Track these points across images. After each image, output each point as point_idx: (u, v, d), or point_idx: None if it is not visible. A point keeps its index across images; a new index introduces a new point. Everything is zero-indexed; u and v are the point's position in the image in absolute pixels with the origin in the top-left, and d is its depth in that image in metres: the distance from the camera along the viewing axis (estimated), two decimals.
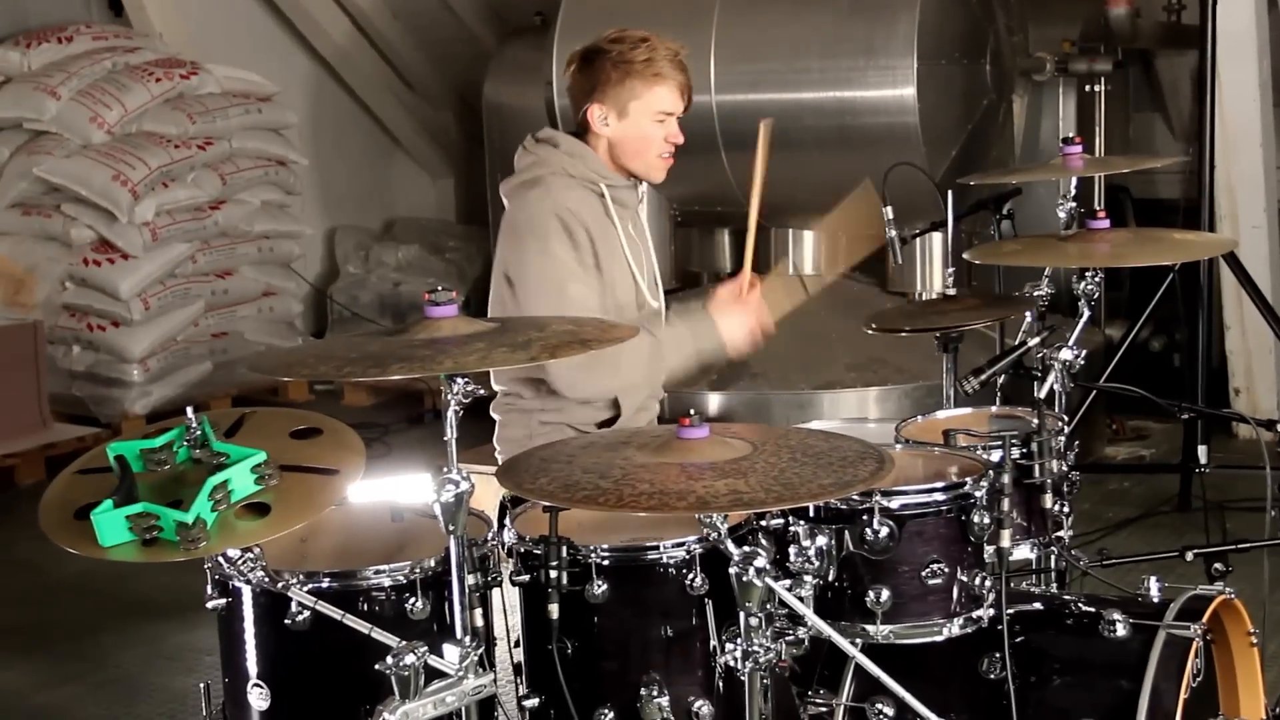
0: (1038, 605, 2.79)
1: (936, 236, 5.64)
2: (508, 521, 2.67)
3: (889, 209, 3.97)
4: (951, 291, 3.51)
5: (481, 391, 2.61)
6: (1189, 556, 3.59)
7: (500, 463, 3.34)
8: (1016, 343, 3.29)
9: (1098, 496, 5.33)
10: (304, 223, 7.62)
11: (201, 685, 2.66)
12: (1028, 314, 3.36)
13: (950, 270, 3.59)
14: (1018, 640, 2.66)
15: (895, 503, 2.57)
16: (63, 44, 7.08)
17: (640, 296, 3.30)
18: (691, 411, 2.38)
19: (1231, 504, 4.97)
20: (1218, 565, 3.40)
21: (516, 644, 2.71)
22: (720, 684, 2.52)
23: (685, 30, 5.87)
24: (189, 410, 2.39)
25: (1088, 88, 6.25)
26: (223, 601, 2.54)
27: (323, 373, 2.23)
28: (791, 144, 5.81)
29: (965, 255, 3.40)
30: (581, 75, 3.25)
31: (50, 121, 6.84)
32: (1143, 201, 6.71)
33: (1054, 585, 3.07)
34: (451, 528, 2.35)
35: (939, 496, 2.60)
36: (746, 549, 2.28)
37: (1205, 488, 4.92)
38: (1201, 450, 5.02)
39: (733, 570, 2.28)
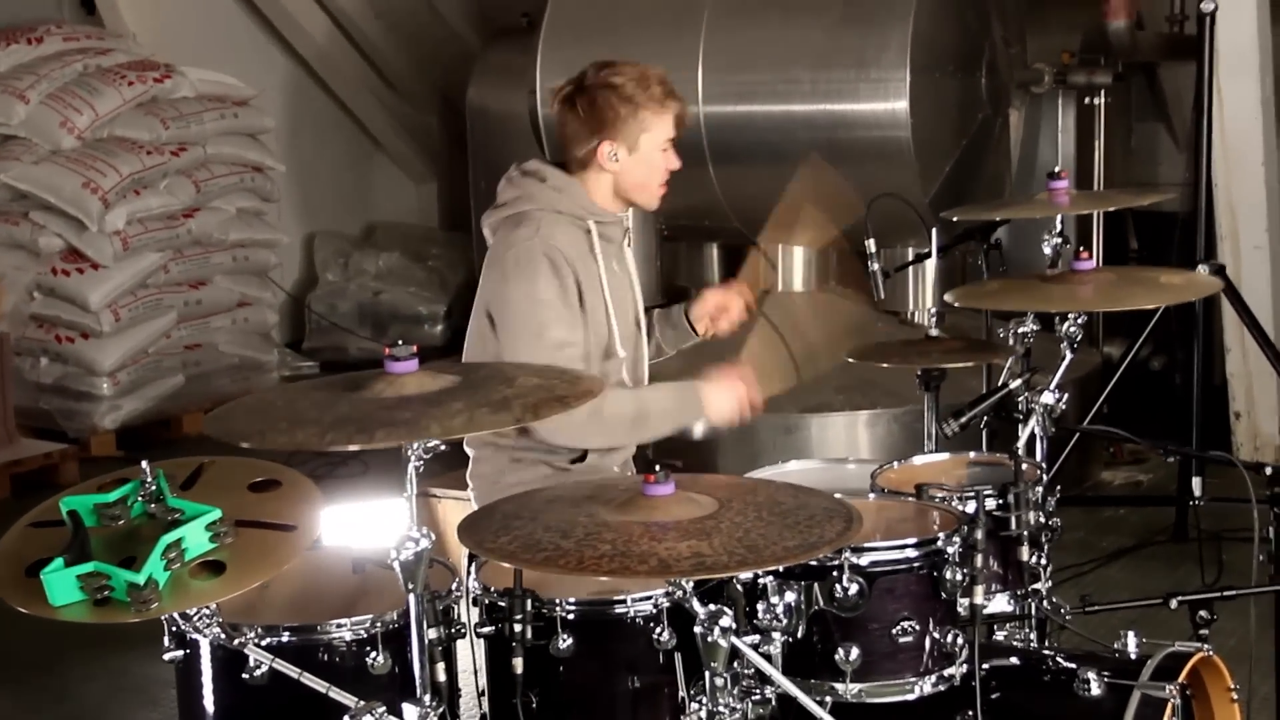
0: (1013, 660, 2.75)
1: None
2: (472, 569, 2.62)
3: (871, 241, 3.89)
4: (934, 333, 3.42)
5: (443, 447, 2.53)
6: (1174, 604, 3.48)
7: (473, 496, 3.31)
8: (999, 384, 3.25)
9: (1092, 525, 5.22)
10: (281, 230, 7.49)
11: None
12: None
13: (933, 311, 3.48)
14: (991, 697, 2.62)
15: (865, 559, 2.52)
16: (32, 45, 6.92)
17: (611, 343, 3.21)
18: (657, 467, 2.32)
19: (1229, 533, 4.85)
20: (1202, 613, 3.30)
21: (482, 693, 2.67)
22: None
23: (673, 40, 5.76)
24: (144, 464, 2.30)
25: (1087, 100, 6.14)
26: (180, 654, 2.48)
27: (301, 441, 2.16)
28: (781, 158, 5.69)
29: (947, 297, 3.34)
30: (586, 114, 3.15)
31: (18, 126, 6.69)
32: (1143, 214, 6.58)
33: (1033, 635, 2.99)
34: (411, 585, 2.31)
35: (910, 553, 2.55)
36: (712, 608, 2.25)
37: (1200, 519, 4.79)
38: (1196, 482, 4.92)
39: (698, 630, 2.27)
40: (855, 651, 2.49)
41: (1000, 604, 2.81)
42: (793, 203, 3.63)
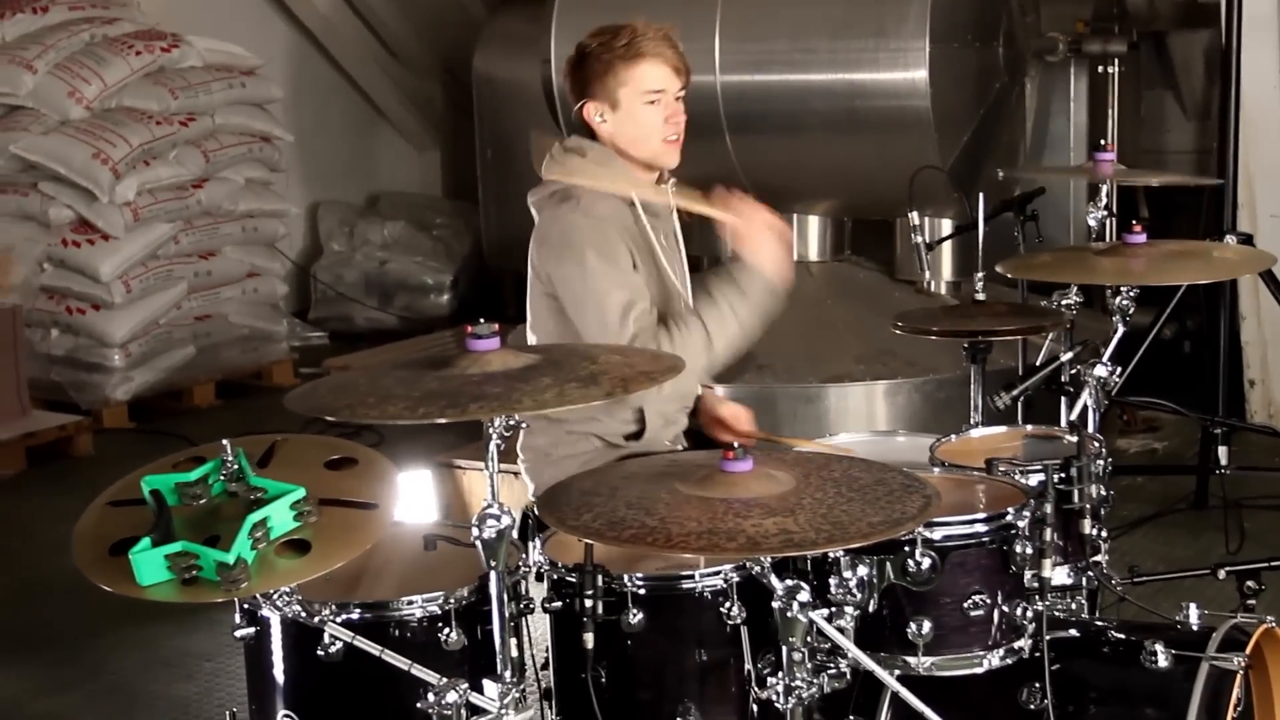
0: (1074, 632, 2.77)
1: (945, 223, 5.54)
2: (537, 543, 2.63)
3: (914, 215, 3.88)
4: (981, 297, 3.42)
5: (525, 425, 2.53)
6: (1221, 575, 3.54)
7: (524, 469, 3.31)
8: (1048, 357, 3.25)
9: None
10: (288, 200, 7.44)
11: (228, 713, 2.63)
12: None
13: (980, 275, 3.48)
14: (1056, 669, 2.63)
15: (937, 534, 2.54)
16: (38, 14, 6.85)
17: (680, 308, 3.22)
18: (736, 444, 2.33)
19: (1248, 501, 4.91)
20: (1250, 584, 3.35)
21: (544, 666, 2.69)
22: (755, 710, 2.52)
23: (690, 8, 5.73)
24: (225, 442, 2.30)
25: (1101, 68, 6.13)
26: (251, 631, 2.50)
27: (392, 414, 2.18)
28: (798, 127, 5.70)
29: (999, 268, 3.35)
30: (572, 78, 3.20)
31: (26, 96, 6.63)
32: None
33: (1085, 605, 2.99)
34: (494, 563, 2.32)
35: (981, 528, 2.57)
36: (789, 583, 2.27)
37: (1225, 488, 4.83)
38: (1222, 451, 4.95)
39: (776, 605, 2.28)
40: (927, 625, 2.51)
41: (1061, 576, 2.82)
42: None
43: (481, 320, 2.32)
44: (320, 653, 2.38)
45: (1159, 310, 5.19)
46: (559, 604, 2.53)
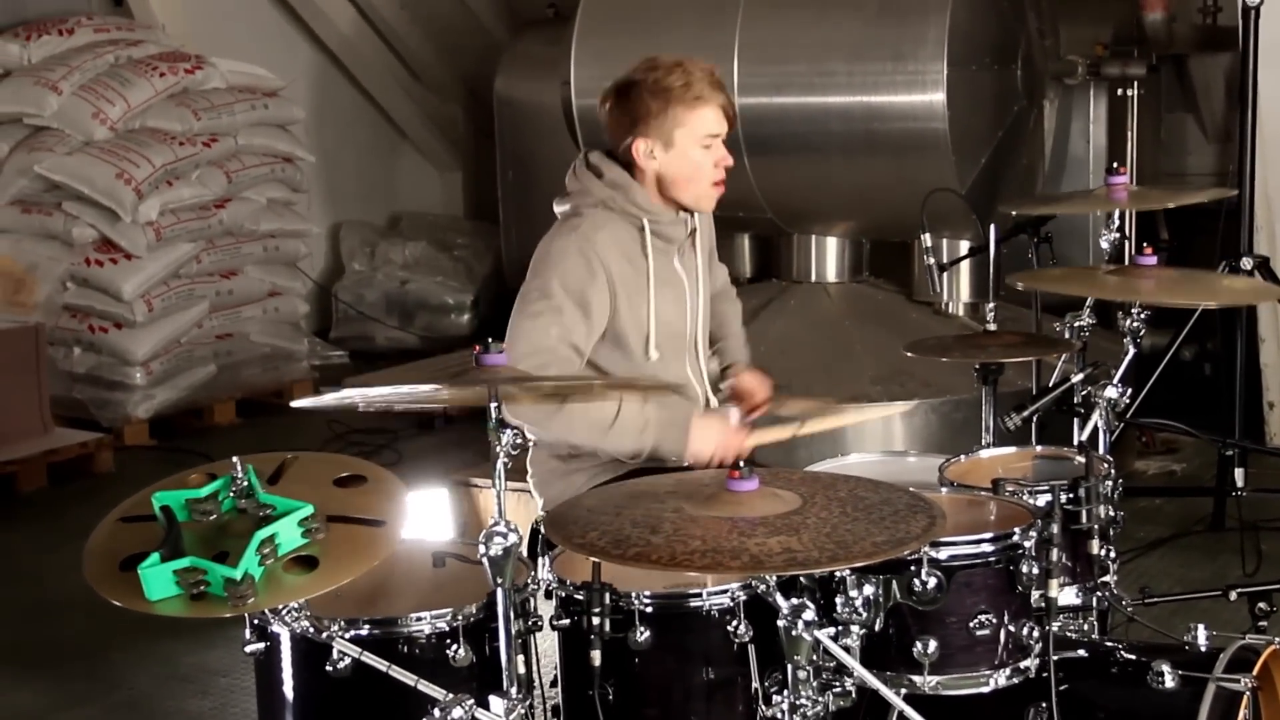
0: (1082, 653, 2.76)
1: (963, 245, 5.55)
2: (545, 561, 2.64)
3: (927, 236, 3.89)
4: (992, 327, 3.42)
5: (534, 443, 2.50)
6: (1233, 596, 3.53)
7: (532, 485, 3.32)
8: (1059, 378, 3.25)
9: (1128, 514, 5.20)
10: (309, 220, 7.49)
11: None
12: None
13: (991, 305, 3.47)
14: (1063, 689, 2.62)
15: (944, 554, 2.54)
16: (64, 36, 6.93)
17: (646, 344, 3.19)
18: (741, 463, 2.34)
19: (1266, 523, 4.89)
20: (1262, 605, 3.35)
21: (553, 684, 2.70)
22: None
23: (708, 31, 5.78)
24: (235, 460, 2.32)
25: (1120, 91, 6.13)
26: (261, 646, 2.51)
27: None
28: (817, 149, 5.72)
29: (1011, 279, 3.32)
30: (620, 110, 3.17)
31: (51, 117, 6.70)
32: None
33: (1095, 626, 3.00)
34: (500, 580, 2.34)
35: (987, 547, 2.57)
36: (795, 601, 2.28)
37: (1242, 510, 4.81)
38: (1239, 473, 4.93)
39: (782, 623, 2.29)
40: (933, 644, 2.51)
41: (1069, 596, 2.82)
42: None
43: (490, 340, 2.33)
44: (329, 668, 2.40)
45: (1176, 332, 5.18)
46: (567, 621, 2.55)
